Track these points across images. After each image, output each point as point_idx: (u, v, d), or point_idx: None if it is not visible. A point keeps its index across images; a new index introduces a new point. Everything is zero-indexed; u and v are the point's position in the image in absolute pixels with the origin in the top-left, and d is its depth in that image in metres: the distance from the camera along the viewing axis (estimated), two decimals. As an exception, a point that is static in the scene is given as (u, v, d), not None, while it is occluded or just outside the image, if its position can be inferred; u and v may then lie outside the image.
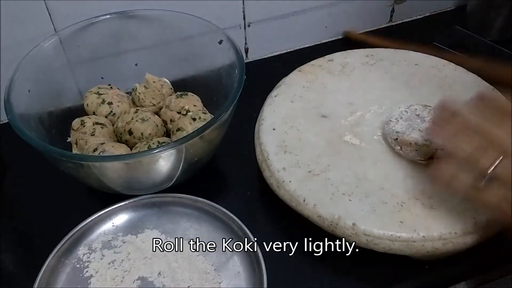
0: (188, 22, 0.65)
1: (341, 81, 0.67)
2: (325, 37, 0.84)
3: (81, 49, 0.67)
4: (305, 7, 0.78)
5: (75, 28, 0.65)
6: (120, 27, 0.67)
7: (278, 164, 0.57)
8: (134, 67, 0.71)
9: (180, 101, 0.64)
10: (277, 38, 0.81)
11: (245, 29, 0.78)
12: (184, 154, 0.54)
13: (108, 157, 0.56)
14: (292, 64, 0.69)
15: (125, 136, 0.62)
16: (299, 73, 0.68)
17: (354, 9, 0.82)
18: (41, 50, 0.62)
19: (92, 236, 0.56)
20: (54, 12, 0.65)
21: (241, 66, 0.58)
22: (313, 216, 0.53)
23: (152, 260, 0.54)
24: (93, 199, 0.62)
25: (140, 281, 0.52)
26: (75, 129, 0.62)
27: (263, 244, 0.53)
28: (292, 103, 0.64)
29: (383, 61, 0.68)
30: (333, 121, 0.61)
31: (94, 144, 0.59)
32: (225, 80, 0.62)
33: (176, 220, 0.58)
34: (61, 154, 0.52)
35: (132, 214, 0.58)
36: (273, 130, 0.60)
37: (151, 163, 0.54)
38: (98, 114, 0.64)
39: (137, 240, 0.56)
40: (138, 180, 0.57)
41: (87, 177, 0.56)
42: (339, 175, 0.55)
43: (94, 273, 0.53)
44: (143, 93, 0.66)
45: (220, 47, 0.63)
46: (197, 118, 0.61)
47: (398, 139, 0.56)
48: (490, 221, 0.51)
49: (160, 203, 0.58)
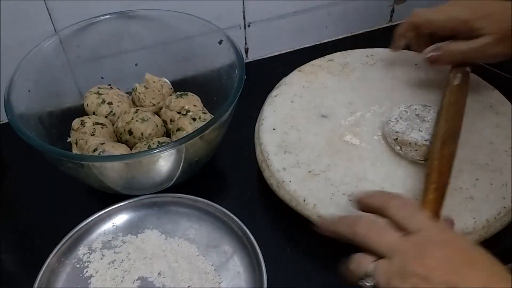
0: (188, 22, 0.66)
1: (341, 81, 0.67)
2: (325, 37, 0.84)
3: (81, 49, 0.67)
4: (305, 7, 0.78)
5: (75, 28, 0.65)
6: (120, 27, 0.67)
7: (278, 164, 0.57)
8: (134, 67, 0.71)
9: (180, 101, 0.64)
10: (277, 38, 0.81)
11: (245, 29, 0.78)
12: (184, 154, 0.54)
13: (108, 157, 0.56)
14: (292, 64, 0.69)
15: (125, 136, 0.62)
16: (299, 73, 0.68)
17: (354, 9, 0.82)
18: (41, 50, 0.62)
19: (92, 236, 0.56)
20: (54, 12, 0.65)
21: (241, 66, 0.58)
22: (313, 216, 0.53)
23: (152, 260, 0.54)
24: (93, 199, 0.62)
25: (140, 281, 0.52)
26: (75, 129, 0.62)
27: (263, 244, 0.53)
28: (292, 103, 0.64)
29: (383, 61, 0.68)
30: (333, 121, 0.61)
31: (94, 144, 0.59)
32: (225, 80, 0.62)
33: (176, 220, 0.58)
34: (61, 154, 0.52)
35: (132, 214, 0.58)
36: (273, 130, 0.60)
37: (151, 163, 0.54)
38: (98, 114, 0.64)
39: (137, 240, 0.56)
40: (138, 180, 0.57)
41: (87, 177, 0.56)
42: (339, 175, 0.55)
43: (94, 273, 0.53)
44: (143, 93, 0.66)
45: (220, 47, 0.63)
46: (197, 118, 0.61)
47: (398, 139, 0.56)
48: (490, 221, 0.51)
49: (160, 203, 0.58)
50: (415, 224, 0.38)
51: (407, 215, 0.39)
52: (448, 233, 0.39)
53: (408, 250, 0.37)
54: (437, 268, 0.35)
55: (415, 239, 0.37)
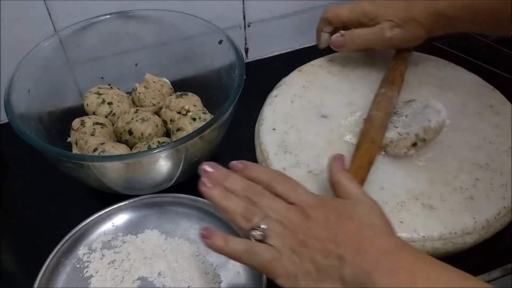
0: (188, 22, 0.65)
1: (341, 81, 0.67)
2: (325, 37, 0.84)
3: (81, 49, 0.67)
4: (305, 7, 0.78)
5: (75, 28, 0.65)
6: (120, 27, 0.67)
7: (278, 164, 0.57)
8: (134, 67, 0.71)
9: (180, 101, 0.64)
10: (277, 38, 0.81)
11: (245, 29, 0.78)
12: (184, 154, 0.54)
13: (108, 157, 0.56)
14: (292, 64, 0.69)
15: (125, 136, 0.62)
16: (299, 73, 0.68)
17: (354, 9, 0.82)
18: (41, 50, 0.62)
19: (92, 236, 0.56)
20: (54, 12, 0.65)
21: (241, 66, 0.58)
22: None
23: (152, 260, 0.54)
24: (93, 199, 0.62)
25: (140, 281, 0.52)
26: (75, 129, 0.62)
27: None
28: (292, 103, 0.64)
29: (383, 61, 0.68)
30: (333, 121, 0.61)
31: (94, 144, 0.59)
32: (225, 80, 0.62)
33: (176, 220, 0.58)
34: (61, 154, 0.52)
35: (132, 214, 0.58)
36: (273, 130, 0.60)
37: (151, 163, 0.54)
38: (98, 114, 0.64)
39: (137, 240, 0.56)
40: (138, 180, 0.57)
41: (87, 177, 0.56)
42: (339, 175, 0.55)
43: (94, 273, 0.53)
44: (143, 93, 0.66)
45: (220, 47, 0.63)
46: (197, 118, 0.61)
47: None
48: (490, 221, 0.51)
49: (160, 203, 0.58)
50: (297, 196, 0.44)
51: (289, 189, 0.45)
52: (321, 200, 0.44)
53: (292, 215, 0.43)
54: (319, 227, 0.41)
55: (298, 207, 0.43)
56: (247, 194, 0.45)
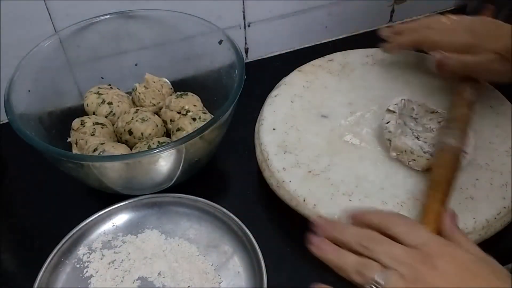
0: (188, 22, 0.66)
1: (341, 81, 0.67)
2: (325, 37, 0.84)
3: (81, 49, 0.67)
4: (305, 7, 0.78)
5: (75, 28, 0.65)
6: (120, 27, 0.67)
7: (278, 164, 0.57)
8: (134, 67, 0.71)
9: (180, 101, 0.64)
10: (277, 38, 0.81)
11: (245, 29, 0.78)
12: (184, 154, 0.54)
13: (108, 157, 0.56)
14: (292, 64, 0.69)
15: (125, 136, 0.62)
16: (299, 73, 0.68)
17: (354, 9, 0.82)
18: (41, 50, 0.62)
19: (92, 236, 0.56)
20: (54, 12, 0.65)
21: (241, 66, 0.58)
22: (313, 216, 0.52)
23: (152, 260, 0.54)
24: (93, 199, 0.62)
25: (140, 281, 0.52)
26: (75, 129, 0.62)
27: (263, 244, 0.53)
28: (292, 103, 0.64)
29: (383, 61, 0.68)
30: (333, 121, 0.61)
31: (94, 144, 0.59)
32: (225, 80, 0.62)
33: (176, 220, 0.58)
34: (61, 154, 0.52)
35: (132, 214, 0.58)
36: (273, 130, 0.60)
37: (151, 163, 0.54)
38: (98, 114, 0.64)
39: (137, 240, 0.56)
40: (138, 180, 0.57)
41: (87, 177, 0.56)
42: (339, 175, 0.55)
43: (94, 273, 0.53)
44: (143, 93, 0.66)
45: (220, 47, 0.63)
46: (197, 118, 0.61)
47: (392, 144, 0.55)
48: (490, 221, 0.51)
49: (160, 203, 0.58)
50: (418, 238, 0.40)
51: (408, 230, 0.41)
52: (449, 246, 0.40)
53: (416, 263, 0.38)
54: (444, 281, 0.37)
55: (421, 252, 0.39)
56: (362, 242, 0.41)
